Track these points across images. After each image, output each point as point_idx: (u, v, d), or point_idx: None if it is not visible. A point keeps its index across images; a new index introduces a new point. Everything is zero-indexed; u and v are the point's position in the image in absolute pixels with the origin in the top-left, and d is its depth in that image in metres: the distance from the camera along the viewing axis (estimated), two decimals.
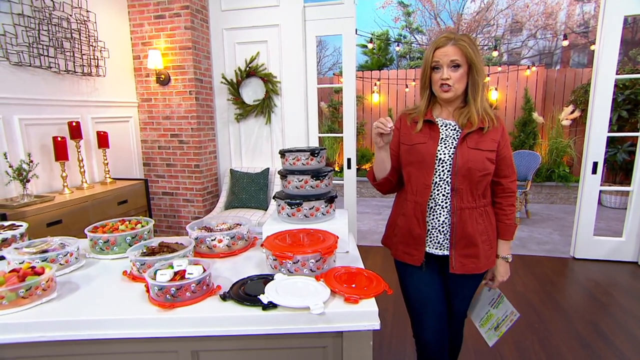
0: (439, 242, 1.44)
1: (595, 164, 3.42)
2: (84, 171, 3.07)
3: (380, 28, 10.54)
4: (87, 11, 3.23)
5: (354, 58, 3.83)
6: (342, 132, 3.94)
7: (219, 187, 4.27)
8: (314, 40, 3.86)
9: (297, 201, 1.52)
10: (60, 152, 2.81)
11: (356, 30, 3.88)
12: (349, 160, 3.95)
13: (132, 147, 3.89)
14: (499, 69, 6.36)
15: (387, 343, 2.39)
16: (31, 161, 2.59)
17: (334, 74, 8.62)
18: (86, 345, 1.10)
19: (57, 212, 2.58)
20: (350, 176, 3.97)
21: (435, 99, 1.47)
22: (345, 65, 3.86)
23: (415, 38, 10.39)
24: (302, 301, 1.06)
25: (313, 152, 1.56)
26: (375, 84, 7.02)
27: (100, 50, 3.37)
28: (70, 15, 3.07)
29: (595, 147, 3.39)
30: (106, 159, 3.29)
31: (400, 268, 1.57)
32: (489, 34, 9.35)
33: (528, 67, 6.22)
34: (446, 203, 1.40)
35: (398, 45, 8.61)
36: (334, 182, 4.26)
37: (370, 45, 8.99)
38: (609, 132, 3.38)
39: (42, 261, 1.28)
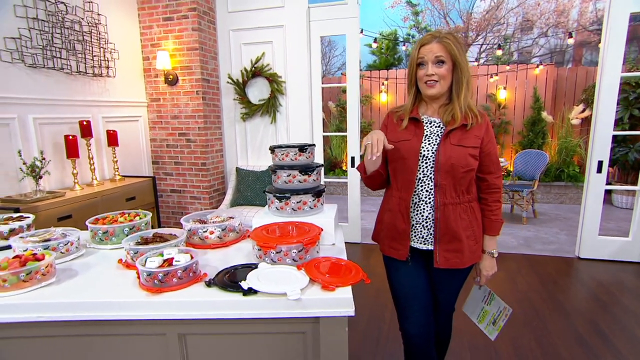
0: (423, 237, 1.47)
1: (600, 163, 3.38)
2: (94, 168, 3.19)
3: (389, 27, 10.56)
4: (98, 14, 3.36)
5: (357, 57, 3.88)
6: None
7: (225, 185, 4.36)
8: (318, 40, 3.92)
9: (286, 195, 1.58)
10: (72, 150, 2.94)
11: (362, 30, 3.92)
12: (352, 158, 4.00)
13: (142, 146, 4.02)
14: (507, 67, 6.30)
15: (385, 339, 2.43)
16: (44, 158, 2.72)
17: (342, 74, 8.67)
18: (80, 326, 1.18)
19: (68, 207, 2.70)
20: (354, 174, 4.01)
21: (422, 96, 1.51)
22: (349, 65, 3.92)
23: None
24: (280, 287, 1.12)
25: (301, 148, 1.61)
26: (383, 84, 7.04)
27: (111, 52, 3.50)
28: (82, 19, 3.20)
29: (600, 145, 3.36)
30: (115, 157, 3.41)
31: (387, 262, 1.61)
32: (499, 32, 9.24)
33: (537, 66, 6.15)
34: (430, 199, 1.43)
35: (405, 45, 8.61)
36: (339, 180, 4.32)
37: (374, 45, 9.01)
38: (614, 130, 3.34)
39: (44, 249, 1.37)
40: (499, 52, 6.70)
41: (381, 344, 2.37)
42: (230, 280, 1.23)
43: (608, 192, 5.61)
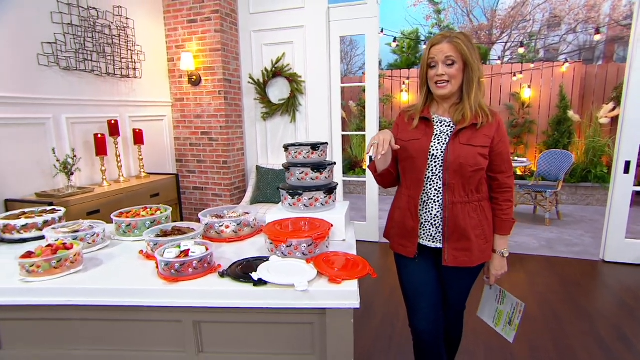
0: (431, 235, 1.49)
1: (627, 163, 3.28)
2: (121, 166, 3.35)
3: (411, 26, 10.46)
4: (127, 18, 3.51)
5: (377, 57, 3.89)
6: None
7: (246, 183, 4.46)
8: (338, 40, 3.96)
9: (298, 192, 1.63)
10: (100, 148, 3.09)
11: (382, 30, 3.93)
12: (370, 157, 4.01)
13: (166, 144, 4.17)
14: (532, 66, 6.14)
15: (398, 336, 2.44)
16: (75, 156, 2.88)
17: (363, 73, 8.67)
18: (104, 311, 1.27)
19: (96, 202, 2.85)
20: (371, 174, 4.03)
21: (433, 96, 1.53)
22: (368, 64, 3.94)
23: None
24: (289, 279, 1.17)
25: (314, 147, 1.66)
26: (404, 83, 7.01)
27: (138, 54, 3.65)
28: (112, 23, 3.36)
29: (628, 145, 3.25)
30: (141, 155, 3.56)
31: (397, 259, 1.64)
32: (525, 29, 8.96)
33: (563, 63, 5.97)
34: (438, 197, 1.45)
35: (425, 44, 8.57)
36: (358, 179, 4.34)
37: (394, 45, 8.97)
38: None
39: (73, 239, 1.48)
40: (521, 50, 6.51)
41: (394, 341, 2.39)
42: (243, 271, 1.29)
43: None
